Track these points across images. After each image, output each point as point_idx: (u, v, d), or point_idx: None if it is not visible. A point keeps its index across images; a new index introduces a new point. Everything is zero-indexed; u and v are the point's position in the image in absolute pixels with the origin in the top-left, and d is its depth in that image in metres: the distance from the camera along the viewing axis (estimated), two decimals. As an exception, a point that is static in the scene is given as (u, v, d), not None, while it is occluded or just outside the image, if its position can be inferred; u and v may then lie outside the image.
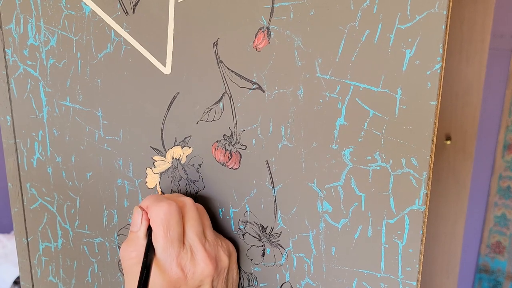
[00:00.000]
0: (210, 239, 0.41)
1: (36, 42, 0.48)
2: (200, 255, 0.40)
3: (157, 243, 0.39)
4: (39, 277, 0.56)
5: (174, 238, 0.39)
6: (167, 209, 0.39)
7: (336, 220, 0.40)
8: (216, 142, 0.43)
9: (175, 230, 0.39)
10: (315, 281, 0.43)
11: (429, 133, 0.36)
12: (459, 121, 0.99)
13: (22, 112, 0.51)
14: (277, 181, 0.42)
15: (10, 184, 0.54)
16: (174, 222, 0.39)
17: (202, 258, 0.40)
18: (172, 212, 0.39)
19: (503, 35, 1.39)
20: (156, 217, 0.39)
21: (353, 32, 0.36)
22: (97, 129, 0.48)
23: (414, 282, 0.39)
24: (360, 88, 0.37)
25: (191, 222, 0.40)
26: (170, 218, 0.39)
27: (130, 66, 0.44)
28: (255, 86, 0.40)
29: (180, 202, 0.41)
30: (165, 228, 0.39)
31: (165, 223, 0.39)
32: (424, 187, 0.37)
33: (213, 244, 0.41)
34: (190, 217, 0.41)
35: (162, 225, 0.39)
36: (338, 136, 0.39)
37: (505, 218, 1.53)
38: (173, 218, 0.39)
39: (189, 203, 0.41)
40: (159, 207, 0.39)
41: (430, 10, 0.34)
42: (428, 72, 0.35)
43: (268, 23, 0.39)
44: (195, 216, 0.41)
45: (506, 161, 1.48)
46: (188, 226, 0.40)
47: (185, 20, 0.42)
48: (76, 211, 0.51)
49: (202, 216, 0.42)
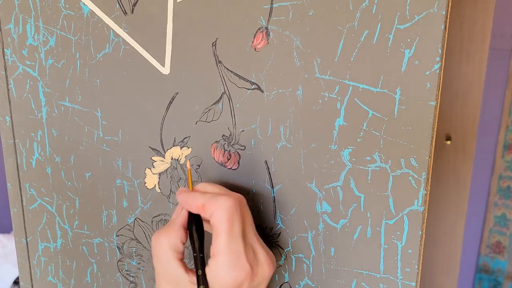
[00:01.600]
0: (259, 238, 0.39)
1: (35, 42, 0.48)
2: (262, 256, 0.38)
3: (220, 237, 0.37)
4: (39, 277, 0.56)
5: (238, 234, 0.37)
6: (232, 203, 0.37)
7: (335, 220, 0.40)
8: (215, 142, 0.43)
9: (239, 225, 0.37)
10: (314, 282, 0.43)
11: (428, 134, 0.36)
12: (459, 121, 0.98)
13: (21, 112, 0.51)
14: (276, 181, 0.42)
15: (9, 184, 0.54)
16: (237, 217, 0.37)
17: (265, 259, 0.38)
18: (236, 206, 0.37)
19: (503, 35, 1.39)
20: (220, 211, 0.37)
21: (352, 32, 0.36)
22: (96, 129, 0.48)
23: (413, 283, 0.39)
24: (359, 88, 0.37)
25: (248, 219, 0.38)
26: (235, 212, 0.37)
27: (129, 66, 0.44)
28: (254, 86, 0.40)
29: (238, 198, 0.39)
30: (230, 223, 0.37)
31: (230, 217, 0.37)
32: (423, 188, 0.37)
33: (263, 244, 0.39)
34: (247, 215, 0.39)
35: (226, 219, 0.37)
36: (337, 136, 0.38)
37: (505, 218, 1.53)
38: (237, 212, 0.37)
39: (243, 200, 0.39)
40: (223, 200, 0.37)
41: (429, 10, 0.34)
42: (427, 72, 0.35)
43: (267, 23, 0.39)
44: (250, 214, 0.39)
45: (506, 161, 1.48)
46: (247, 224, 0.38)
47: (184, 20, 0.41)
48: (75, 212, 0.51)
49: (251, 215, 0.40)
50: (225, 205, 0.37)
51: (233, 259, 0.36)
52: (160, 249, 0.39)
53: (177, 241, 0.38)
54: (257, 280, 0.37)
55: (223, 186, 0.44)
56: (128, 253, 0.50)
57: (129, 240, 0.50)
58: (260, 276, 0.38)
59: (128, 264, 0.51)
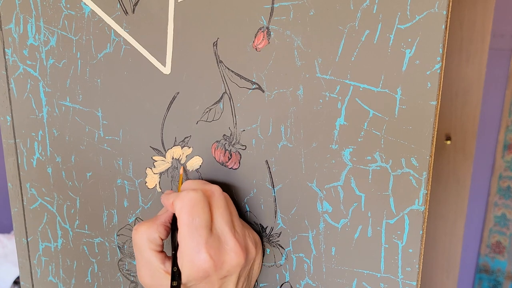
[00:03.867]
0: (238, 228, 0.40)
1: (36, 42, 0.48)
2: (231, 245, 0.38)
3: (181, 230, 0.38)
4: (39, 277, 0.56)
5: (200, 226, 0.38)
6: (192, 196, 0.38)
7: (336, 220, 0.40)
8: (216, 142, 0.43)
9: (201, 217, 0.38)
10: (315, 281, 0.43)
11: (429, 133, 0.36)
12: (459, 121, 0.99)
13: (22, 112, 0.51)
14: (277, 181, 0.42)
15: (10, 184, 0.54)
16: (199, 209, 0.38)
17: (232, 248, 0.38)
18: (197, 199, 0.38)
19: (503, 35, 1.39)
20: (180, 204, 0.38)
21: (353, 32, 0.36)
22: (97, 129, 0.48)
23: (414, 282, 0.39)
24: (360, 88, 0.37)
25: (219, 210, 0.39)
26: (195, 205, 0.38)
27: (130, 66, 0.44)
28: (255, 86, 0.40)
29: (207, 191, 0.40)
30: (189, 215, 0.38)
31: (189, 210, 0.38)
32: (424, 187, 0.37)
33: (242, 234, 0.40)
34: (218, 205, 0.39)
35: (186, 212, 0.38)
36: (338, 136, 0.38)
37: (505, 218, 1.53)
38: (198, 205, 0.38)
39: (217, 191, 0.40)
40: (183, 194, 0.38)
41: (430, 10, 0.34)
42: (428, 72, 0.35)
43: (268, 23, 0.39)
44: (223, 204, 0.39)
45: (506, 161, 1.48)
46: (217, 215, 0.39)
47: (185, 20, 0.42)
48: (76, 211, 0.51)
49: (229, 205, 0.41)
50: (185, 199, 0.38)
51: (192, 251, 0.38)
52: (138, 238, 0.40)
53: (156, 235, 0.40)
54: (225, 269, 0.38)
55: (224, 186, 0.44)
56: (129, 252, 0.50)
57: (130, 239, 0.50)
58: (228, 264, 0.38)
59: (129, 263, 0.51)
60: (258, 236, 0.43)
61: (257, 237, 0.42)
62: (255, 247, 0.41)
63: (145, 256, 0.40)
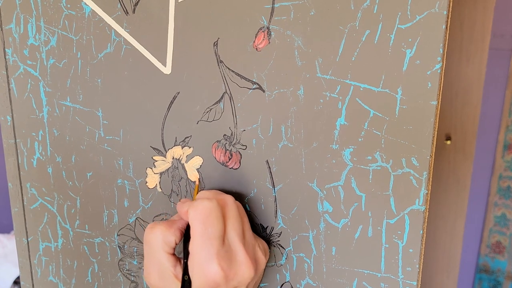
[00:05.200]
0: (248, 239, 0.40)
1: (36, 42, 0.48)
2: (241, 257, 0.38)
3: (194, 239, 0.38)
4: (39, 277, 0.56)
5: (214, 236, 0.37)
6: (206, 205, 0.38)
7: (336, 220, 0.40)
8: (216, 142, 0.43)
9: (215, 227, 0.38)
10: (315, 281, 0.43)
11: (429, 133, 0.36)
12: (459, 121, 0.99)
13: (22, 112, 0.51)
14: (277, 181, 0.42)
15: (10, 184, 0.54)
16: (213, 219, 0.38)
17: (243, 261, 0.38)
18: (212, 208, 0.38)
19: (503, 35, 1.39)
20: (194, 213, 0.38)
21: (354, 32, 0.36)
22: (97, 129, 0.48)
23: (414, 282, 0.39)
24: (361, 88, 0.37)
25: (231, 220, 0.39)
26: (209, 215, 0.38)
27: (131, 66, 0.44)
28: (255, 86, 0.40)
29: (221, 200, 0.40)
30: (203, 225, 0.37)
31: (203, 219, 0.37)
32: (424, 187, 0.37)
33: (252, 245, 0.40)
34: (231, 216, 0.39)
35: (199, 221, 0.37)
36: (338, 136, 0.39)
37: (505, 218, 1.53)
38: (212, 214, 0.38)
39: (230, 201, 0.40)
40: (198, 203, 0.38)
41: (430, 10, 0.34)
42: (429, 72, 0.35)
43: (269, 23, 0.39)
44: (236, 215, 0.39)
45: (506, 161, 1.48)
46: (229, 225, 0.39)
47: (185, 20, 0.42)
48: (76, 211, 0.51)
49: (242, 215, 0.40)
50: (199, 208, 0.38)
51: (204, 261, 0.37)
52: (153, 237, 0.40)
53: (172, 239, 0.40)
54: (236, 280, 0.38)
55: (224, 186, 0.44)
56: (129, 252, 0.50)
57: (130, 239, 0.50)
58: (239, 276, 0.38)
59: (129, 263, 0.51)
60: (266, 245, 0.43)
61: (266, 246, 0.42)
62: (264, 257, 0.41)
63: (157, 257, 0.40)
